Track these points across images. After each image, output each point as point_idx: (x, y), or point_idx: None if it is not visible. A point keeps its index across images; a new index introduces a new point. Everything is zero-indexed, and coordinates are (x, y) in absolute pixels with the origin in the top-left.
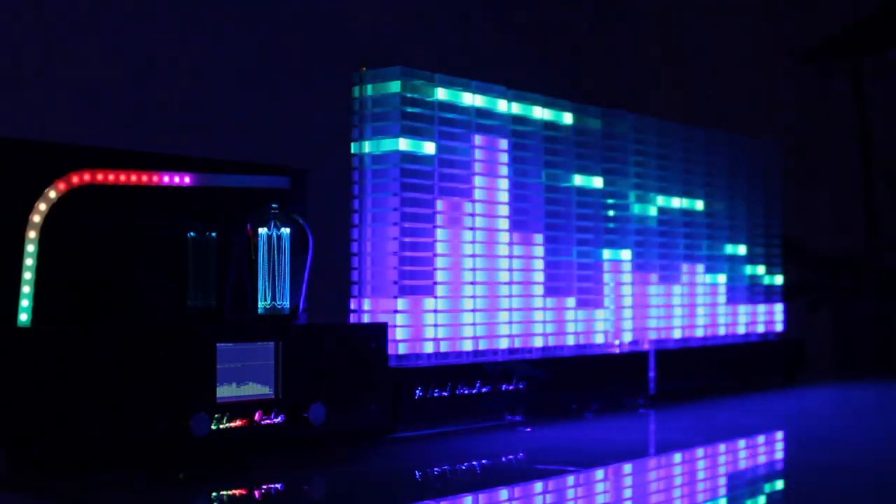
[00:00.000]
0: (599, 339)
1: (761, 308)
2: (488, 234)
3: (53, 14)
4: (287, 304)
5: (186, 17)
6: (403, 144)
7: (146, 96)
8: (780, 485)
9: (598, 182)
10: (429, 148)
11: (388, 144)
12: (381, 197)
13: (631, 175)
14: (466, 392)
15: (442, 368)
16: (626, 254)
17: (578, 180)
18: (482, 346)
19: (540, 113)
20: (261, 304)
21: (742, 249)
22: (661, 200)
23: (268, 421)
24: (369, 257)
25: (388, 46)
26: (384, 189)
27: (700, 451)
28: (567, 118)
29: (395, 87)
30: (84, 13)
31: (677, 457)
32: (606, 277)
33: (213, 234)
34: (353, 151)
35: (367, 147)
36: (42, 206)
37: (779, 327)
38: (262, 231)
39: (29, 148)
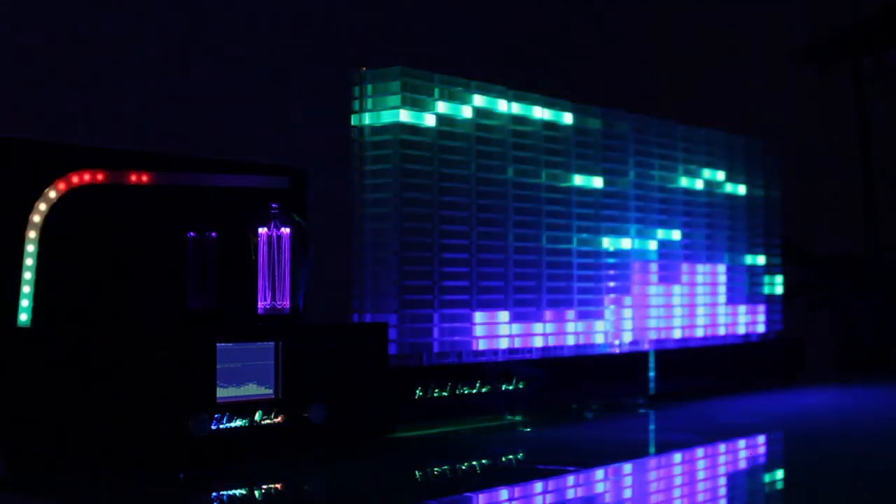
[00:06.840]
0: (599, 339)
1: (761, 308)
2: (488, 234)
3: (54, 14)
4: (287, 304)
5: (186, 17)
6: (404, 144)
7: (146, 96)
8: (779, 485)
9: (598, 182)
10: (428, 149)
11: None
12: (381, 197)
13: (631, 175)
14: (466, 392)
15: (442, 368)
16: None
17: (578, 180)
18: (482, 346)
19: (540, 113)
20: (261, 304)
21: (742, 250)
22: (659, 201)
23: (268, 421)
24: (368, 257)
25: (387, 46)
26: (384, 189)
27: (700, 451)
28: (567, 118)
29: (395, 87)
30: (84, 13)
31: (677, 457)
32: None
33: (213, 234)
34: (352, 151)
35: (368, 147)
36: (42, 206)
37: (778, 327)
38: (262, 231)
39: (29, 148)
